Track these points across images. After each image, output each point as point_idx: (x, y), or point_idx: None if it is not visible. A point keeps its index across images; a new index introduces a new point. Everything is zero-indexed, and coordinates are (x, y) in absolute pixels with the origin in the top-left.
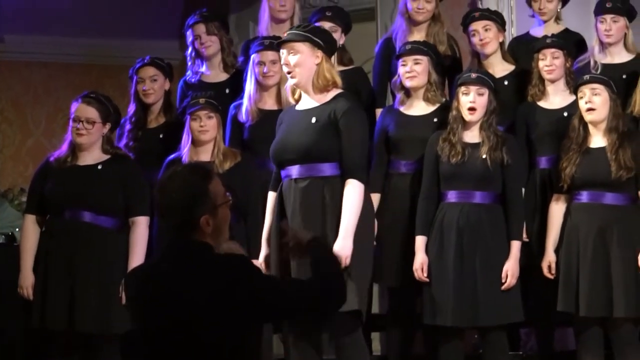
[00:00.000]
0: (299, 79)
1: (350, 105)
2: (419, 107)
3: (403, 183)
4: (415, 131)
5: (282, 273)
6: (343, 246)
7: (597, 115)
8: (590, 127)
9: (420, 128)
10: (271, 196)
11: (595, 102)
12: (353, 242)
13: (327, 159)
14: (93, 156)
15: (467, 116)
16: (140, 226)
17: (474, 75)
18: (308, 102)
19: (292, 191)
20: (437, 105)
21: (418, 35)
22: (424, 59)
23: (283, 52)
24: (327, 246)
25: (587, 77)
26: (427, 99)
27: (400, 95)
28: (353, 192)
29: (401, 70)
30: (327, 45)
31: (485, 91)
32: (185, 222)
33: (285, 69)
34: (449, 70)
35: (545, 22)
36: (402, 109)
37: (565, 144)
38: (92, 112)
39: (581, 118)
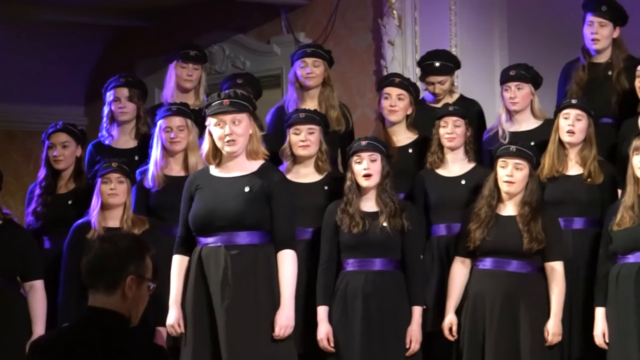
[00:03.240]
0: (239, 148)
1: (281, 176)
2: (309, 175)
3: (297, 250)
4: (307, 199)
5: (200, 333)
6: (288, 317)
7: (515, 189)
8: (503, 195)
9: (312, 195)
10: (179, 259)
11: (516, 176)
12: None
13: (257, 227)
14: None
15: (363, 183)
16: (40, 290)
17: (364, 142)
18: (235, 169)
19: (221, 258)
20: (325, 173)
21: (310, 103)
22: (317, 129)
23: (221, 120)
24: None
25: (513, 148)
26: (317, 167)
27: (288, 163)
28: (289, 262)
29: (294, 138)
30: (255, 114)
31: (378, 157)
32: (113, 280)
33: (227, 139)
34: (342, 138)
35: (440, 100)
36: (289, 175)
37: (476, 207)
38: None
39: (496, 182)
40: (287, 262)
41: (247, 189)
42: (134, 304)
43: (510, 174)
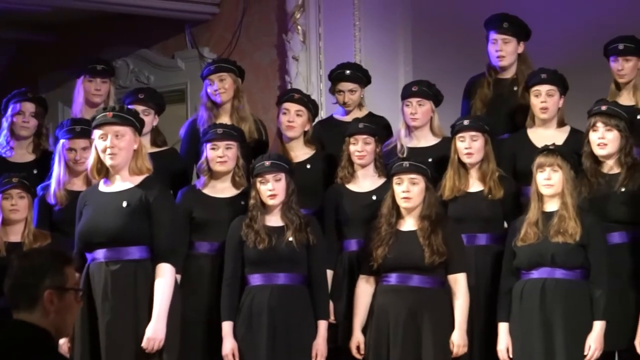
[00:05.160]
0: (120, 161)
1: (161, 189)
2: (226, 190)
3: (209, 264)
4: (223, 213)
5: (86, 350)
6: (156, 330)
7: (413, 204)
8: (402, 210)
9: (228, 210)
10: None
11: (413, 191)
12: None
13: (138, 242)
14: None
15: (269, 202)
16: None
17: (267, 163)
18: (117, 184)
19: (102, 274)
20: (242, 188)
21: (224, 117)
22: (234, 144)
23: (104, 132)
24: None
25: (406, 164)
26: (234, 182)
27: (205, 178)
28: (165, 276)
29: (212, 154)
30: (141, 131)
31: (282, 176)
32: (30, 297)
33: (109, 151)
34: (255, 153)
35: (349, 112)
36: (205, 190)
37: (376, 224)
38: None
39: (394, 199)
40: (162, 276)
41: (124, 204)
42: (60, 317)
43: (407, 190)
